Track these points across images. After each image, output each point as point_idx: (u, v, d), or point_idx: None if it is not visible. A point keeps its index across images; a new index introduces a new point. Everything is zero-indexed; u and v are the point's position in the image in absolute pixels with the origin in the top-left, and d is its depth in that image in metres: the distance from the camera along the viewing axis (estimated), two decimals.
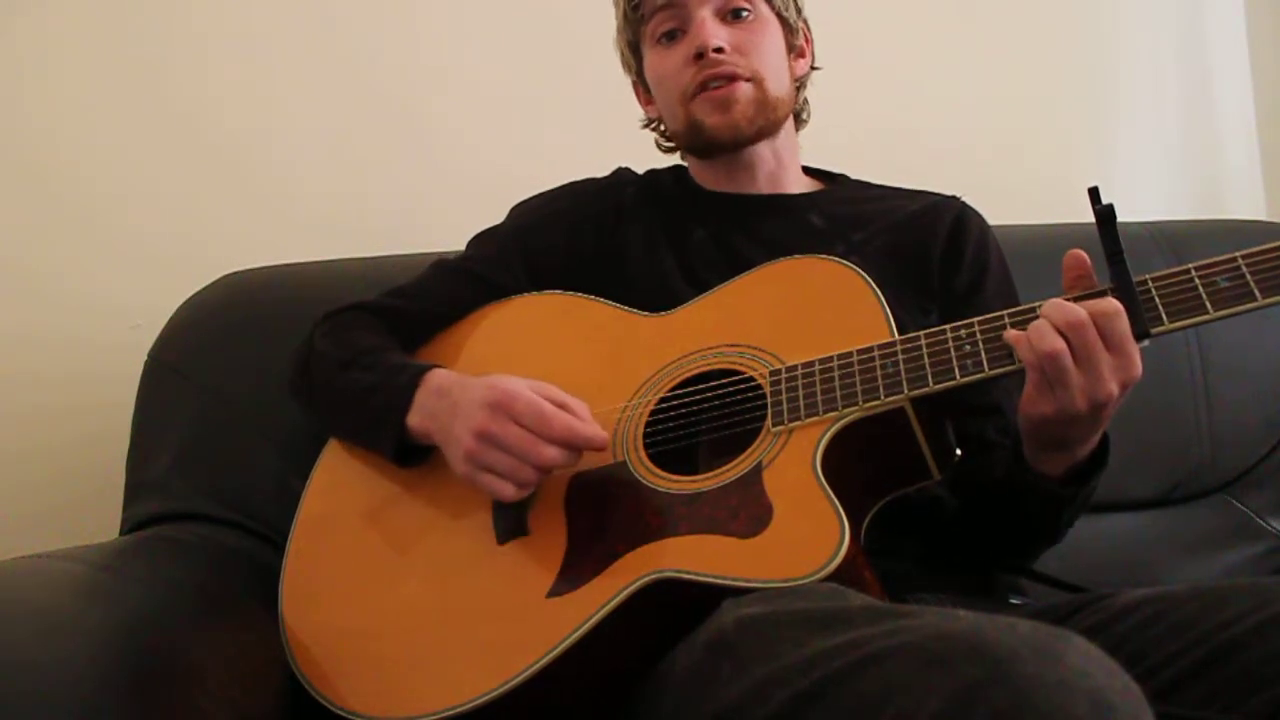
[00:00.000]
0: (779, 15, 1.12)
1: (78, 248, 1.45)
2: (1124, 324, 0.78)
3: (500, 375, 0.91)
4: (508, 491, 0.88)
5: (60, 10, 1.47)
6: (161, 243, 1.48)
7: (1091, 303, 0.79)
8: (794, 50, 1.15)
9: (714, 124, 1.07)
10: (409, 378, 0.97)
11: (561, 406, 0.88)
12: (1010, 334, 0.82)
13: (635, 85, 1.21)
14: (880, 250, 1.08)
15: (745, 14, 1.09)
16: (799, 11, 1.15)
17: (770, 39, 1.10)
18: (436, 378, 0.96)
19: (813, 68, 1.19)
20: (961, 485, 0.99)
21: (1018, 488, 0.91)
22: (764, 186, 1.14)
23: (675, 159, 1.22)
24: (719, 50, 1.06)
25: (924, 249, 1.09)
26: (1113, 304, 0.79)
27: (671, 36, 1.10)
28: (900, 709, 0.52)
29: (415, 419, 0.95)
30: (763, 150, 1.12)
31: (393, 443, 0.96)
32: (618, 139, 1.23)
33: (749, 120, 1.07)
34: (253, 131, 1.53)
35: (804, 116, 1.20)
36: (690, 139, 1.12)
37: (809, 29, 1.18)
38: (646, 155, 1.22)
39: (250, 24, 1.54)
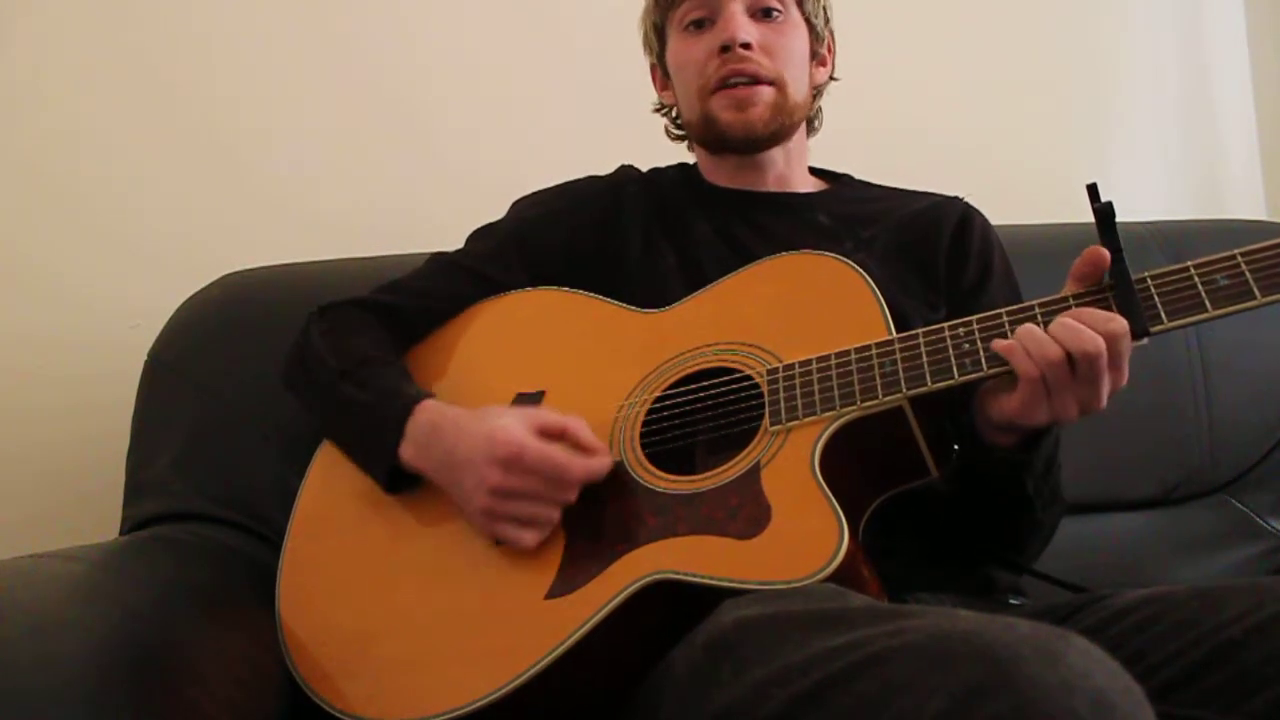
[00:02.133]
0: (808, 21, 1.12)
1: (78, 247, 1.45)
2: (1128, 343, 0.79)
3: (492, 413, 0.90)
4: (529, 539, 0.88)
5: (61, 11, 1.47)
6: (161, 243, 1.48)
7: (1103, 323, 0.78)
8: (816, 58, 1.15)
9: (729, 121, 1.07)
10: (401, 407, 0.95)
11: (561, 434, 0.88)
12: (1000, 344, 0.81)
13: (653, 68, 1.20)
14: (887, 247, 1.08)
15: (776, 15, 1.09)
16: (827, 20, 1.16)
17: (797, 42, 1.10)
18: (427, 411, 0.94)
19: (831, 78, 1.19)
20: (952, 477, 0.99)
21: (978, 463, 0.90)
22: (771, 185, 1.14)
23: (681, 149, 1.22)
24: (746, 46, 1.06)
25: (930, 246, 1.09)
26: (1122, 324, 0.78)
27: (700, 25, 1.10)
28: (901, 710, 0.52)
29: (409, 452, 0.94)
30: (775, 153, 1.13)
31: (384, 474, 0.96)
32: (619, 138, 1.23)
33: (765, 123, 1.07)
34: (253, 131, 1.53)
35: (816, 125, 1.20)
36: (703, 132, 1.12)
37: (834, 39, 1.18)
38: (649, 154, 1.22)
39: (251, 24, 1.54)
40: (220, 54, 1.53)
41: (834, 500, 0.77)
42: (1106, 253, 0.82)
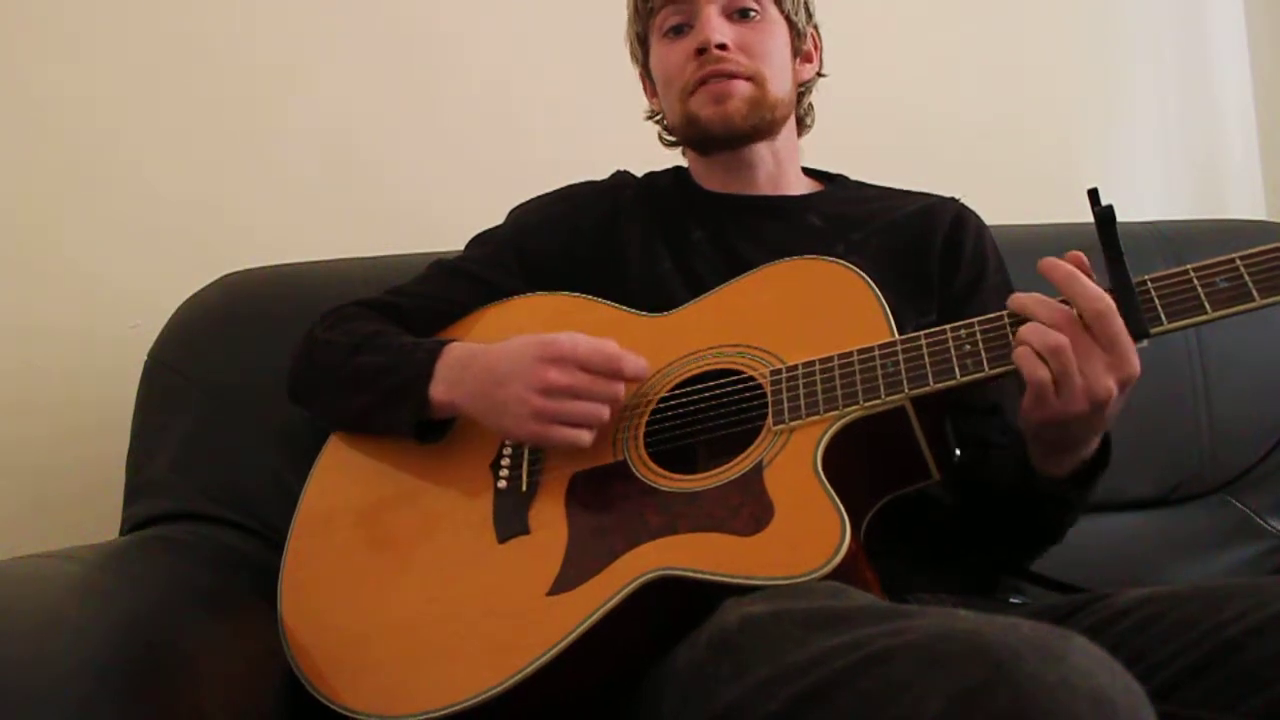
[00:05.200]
0: (788, 18, 1.12)
1: (78, 247, 1.45)
2: (1113, 323, 0.78)
3: (527, 335, 0.92)
4: (585, 438, 0.90)
5: (63, 13, 1.47)
6: (162, 242, 1.47)
7: (1085, 302, 0.79)
8: (800, 54, 1.15)
9: (708, 116, 1.08)
10: (426, 352, 0.97)
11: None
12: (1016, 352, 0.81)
13: (642, 77, 1.21)
14: (879, 250, 1.08)
15: (753, 14, 1.09)
16: (809, 17, 1.16)
17: (775, 40, 1.10)
18: (456, 349, 0.96)
19: (819, 74, 1.19)
20: (964, 486, 0.99)
21: (1024, 490, 0.91)
22: (764, 187, 1.14)
23: (676, 157, 1.22)
24: (722, 46, 1.06)
25: (922, 249, 1.09)
26: (1101, 304, 0.78)
27: (678, 31, 1.10)
28: (902, 709, 0.52)
29: (439, 390, 0.95)
30: (762, 150, 1.13)
31: (413, 416, 0.96)
32: (618, 142, 1.24)
33: (743, 116, 1.08)
34: (253, 131, 1.53)
35: (808, 122, 1.20)
36: (687, 132, 1.12)
37: (819, 35, 1.18)
38: (646, 158, 1.22)
39: (251, 24, 1.54)
40: (221, 54, 1.53)
41: (836, 498, 0.77)
42: (1081, 254, 0.82)
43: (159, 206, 1.49)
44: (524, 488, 0.93)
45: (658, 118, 1.21)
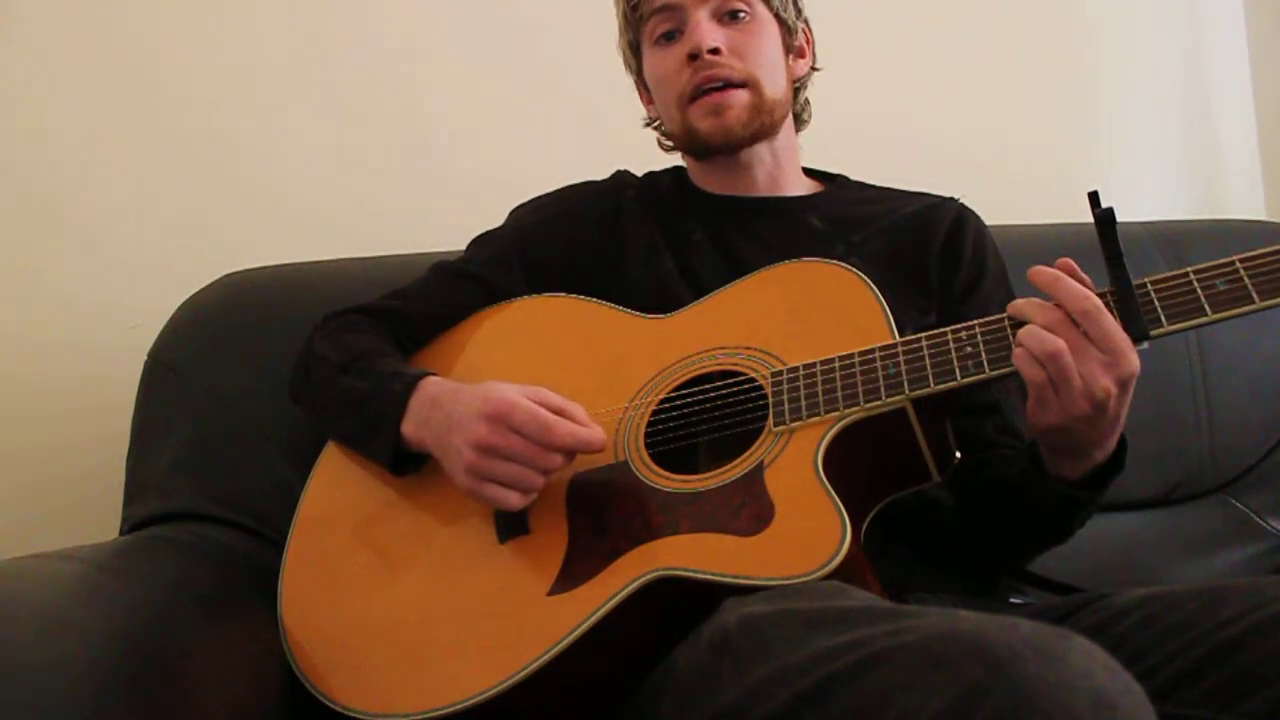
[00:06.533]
0: (777, 16, 1.12)
1: (77, 249, 1.45)
2: (1103, 320, 0.78)
3: (493, 382, 0.91)
4: (513, 500, 0.88)
5: (59, 13, 1.47)
6: (161, 243, 1.47)
7: (1071, 301, 0.79)
8: (792, 51, 1.14)
9: (707, 129, 1.08)
10: (403, 385, 0.96)
11: (558, 412, 0.88)
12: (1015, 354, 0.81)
13: (637, 85, 1.21)
14: (879, 251, 1.08)
15: (742, 15, 1.09)
16: (799, 12, 1.15)
17: (767, 40, 1.10)
18: (430, 386, 0.95)
19: (813, 69, 1.19)
20: (966, 485, 0.99)
21: (1033, 491, 0.91)
22: (763, 187, 1.14)
23: (676, 159, 1.22)
24: (714, 51, 1.06)
25: (922, 250, 1.09)
26: (1087, 303, 0.78)
27: (669, 37, 1.10)
28: (902, 709, 0.52)
29: (410, 427, 0.95)
30: (761, 151, 1.13)
31: (389, 452, 0.96)
32: (617, 141, 1.23)
33: (743, 125, 1.08)
34: (252, 132, 1.53)
35: (805, 117, 1.20)
36: (686, 142, 1.12)
37: (809, 30, 1.18)
38: (646, 158, 1.22)
39: (249, 26, 1.54)
40: (219, 56, 1.53)
41: (836, 498, 0.78)
42: (1068, 259, 0.82)
43: (158, 207, 1.49)
44: None
45: (655, 124, 1.21)
